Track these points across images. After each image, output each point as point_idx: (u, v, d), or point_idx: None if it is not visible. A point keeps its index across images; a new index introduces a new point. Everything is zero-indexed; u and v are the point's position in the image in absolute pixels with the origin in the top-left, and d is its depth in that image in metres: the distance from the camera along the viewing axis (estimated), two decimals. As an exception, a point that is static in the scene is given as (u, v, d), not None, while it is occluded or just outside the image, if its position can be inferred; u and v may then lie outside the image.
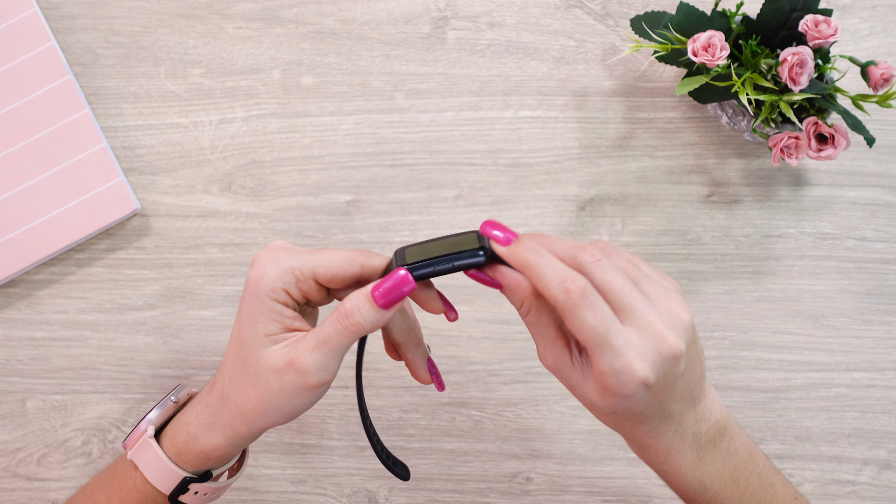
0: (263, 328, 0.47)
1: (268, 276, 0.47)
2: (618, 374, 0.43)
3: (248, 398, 0.48)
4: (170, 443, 0.51)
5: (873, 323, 0.70)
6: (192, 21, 0.73)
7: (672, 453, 0.48)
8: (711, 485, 0.50)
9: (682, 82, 0.64)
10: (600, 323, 0.43)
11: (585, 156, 0.72)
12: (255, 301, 0.47)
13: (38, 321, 0.70)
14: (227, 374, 0.49)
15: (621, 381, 0.43)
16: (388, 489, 0.69)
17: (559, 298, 0.44)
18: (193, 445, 0.50)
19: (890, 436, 0.69)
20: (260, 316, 0.47)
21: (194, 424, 0.50)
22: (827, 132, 0.63)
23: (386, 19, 0.73)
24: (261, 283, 0.47)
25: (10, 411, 0.69)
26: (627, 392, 0.44)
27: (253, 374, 0.48)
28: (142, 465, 0.50)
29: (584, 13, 0.73)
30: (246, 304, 0.48)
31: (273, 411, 0.48)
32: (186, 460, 0.50)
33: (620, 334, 0.43)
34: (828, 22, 0.61)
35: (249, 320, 0.48)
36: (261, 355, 0.47)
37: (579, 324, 0.43)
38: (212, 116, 0.72)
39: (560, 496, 0.69)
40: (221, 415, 0.49)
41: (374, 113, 0.72)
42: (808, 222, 0.71)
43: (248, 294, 0.48)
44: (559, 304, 0.44)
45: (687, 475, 0.49)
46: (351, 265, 0.48)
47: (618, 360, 0.43)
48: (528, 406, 0.69)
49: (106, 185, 0.70)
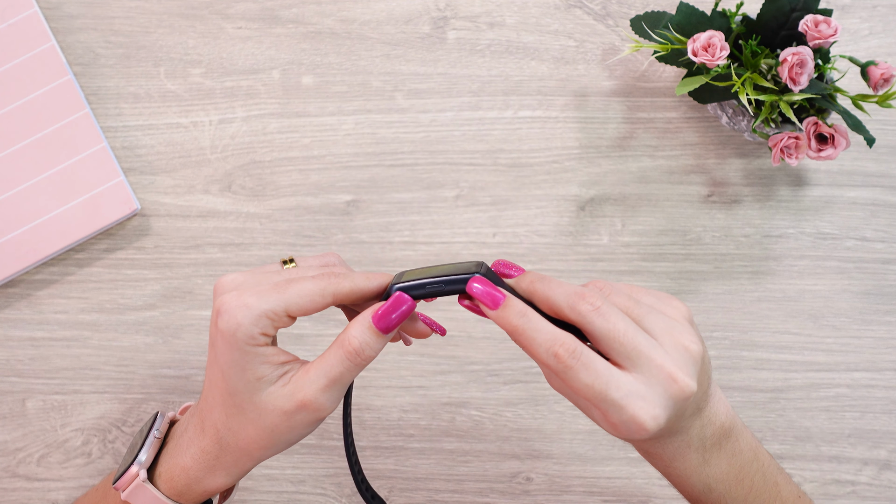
0: (253, 374, 0.46)
1: (242, 327, 0.45)
2: (626, 424, 0.43)
3: (251, 439, 0.48)
4: (168, 485, 0.50)
5: (873, 323, 0.70)
6: (192, 21, 0.73)
7: (676, 458, 0.49)
8: (716, 486, 0.50)
9: (682, 82, 0.64)
10: (595, 380, 0.43)
11: (585, 156, 0.72)
12: (235, 352, 0.46)
13: (38, 321, 0.70)
14: (221, 420, 0.48)
15: (631, 429, 0.44)
16: (389, 489, 0.69)
17: (551, 364, 0.44)
18: (196, 487, 0.50)
19: (890, 436, 0.69)
20: (245, 364, 0.46)
21: (194, 469, 0.49)
22: (827, 132, 0.63)
23: (386, 19, 0.73)
24: (237, 334, 0.45)
25: (10, 411, 0.69)
26: (637, 437, 0.44)
27: (254, 419, 0.47)
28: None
29: (584, 13, 0.73)
30: (225, 355, 0.46)
31: (281, 444, 0.48)
32: (189, 499, 0.50)
33: (621, 387, 0.43)
34: (828, 22, 0.61)
35: (235, 370, 0.46)
36: (259, 399, 0.47)
37: (576, 385, 0.43)
38: (212, 116, 0.72)
39: (560, 496, 0.69)
40: (223, 458, 0.49)
41: (374, 113, 0.72)
42: (808, 222, 0.71)
43: (224, 345, 0.46)
44: (552, 370, 0.44)
45: (692, 478, 0.49)
46: (323, 297, 0.46)
47: (622, 413, 0.43)
48: (528, 406, 0.69)
49: (106, 185, 0.70)
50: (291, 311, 0.46)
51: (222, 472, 0.49)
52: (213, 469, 0.49)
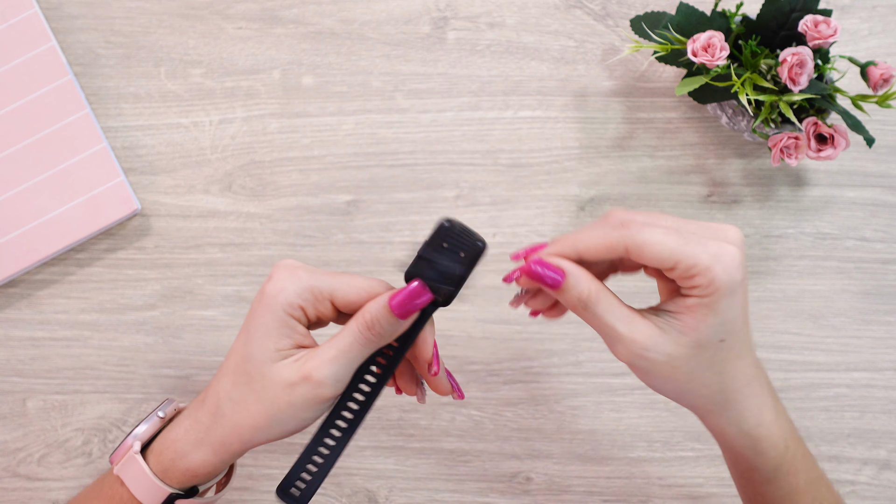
0: (275, 343, 0.47)
1: (286, 292, 0.47)
2: (720, 258, 0.43)
3: (249, 413, 0.48)
4: (156, 459, 0.50)
5: (873, 323, 0.70)
6: (192, 21, 0.73)
7: (763, 408, 0.48)
8: (790, 443, 0.49)
9: (682, 82, 0.64)
10: (667, 230, 0.44)
11: (585, 156, 0.72)
12: (269, 314, 0.47)
13: (38, 321, 0.70)
14: (225, 389, 0.49)
15: (726, 264, 0.43)
16: (389, 489, 0.69)
17: (616, 236, 0.44)
18: (181, 462, 0.49)
19: (889, 436, 0.69)
20: (273, 330, 0.47)
21: (182, 441, 0.49)
22: (827, 132, 0.63)
23: (386, 19, 0.73)
24: (278, 297, 0.47)
25: (10, 411, 0.70)
26: (736, 276, 0.43)
27: (259, 389, 0.47)
28: (128, 480, 0.50)
29: (584, 13, 0.73)
30: (258, 318, 0.47)
31: (275, 427, 0.48)
32: (173, 477, 0.50)
33: (692, 235, 0.44)
34: (827, 22, 0.61)
35: (260, 333, 0.47)
36: (269, 369, 0.47)
37: (654, 240, 0.44)
38: (212, 116, 0.72)
39: (560, 496, 0.69)
40: (213, 431, 0.49)
41: (374, 113, 0.72)
42: (807, 222, 0.71)
43: (262, 307, 0.47)
44: (627, 238, 0.44)
45: (775, 434, 0.48)
46: (369, 294, 0.48)
47: (709, 247, 0.43)
48: (528, 406, 0.69)
49: (106, 185, 0.70)
50: (337, 297, 0.48)
51: (208, 449, 0.49)
52: (201, 443, 0.49)
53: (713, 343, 0.45)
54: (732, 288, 0.44)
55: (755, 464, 0.49)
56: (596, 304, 0.45)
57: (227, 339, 0.70)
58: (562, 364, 0.70)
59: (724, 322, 0.44)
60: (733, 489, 0.69)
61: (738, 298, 0.44)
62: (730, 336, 0.45)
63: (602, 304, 0.46)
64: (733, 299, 0.44)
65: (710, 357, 0.45)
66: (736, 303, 0.44)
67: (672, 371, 0.46)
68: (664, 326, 0.45)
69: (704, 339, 0.45)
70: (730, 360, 0.46)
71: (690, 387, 0.47)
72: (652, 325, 0.45)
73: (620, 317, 0.46)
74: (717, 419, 0.48)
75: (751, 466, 0.50)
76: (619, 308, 0.46)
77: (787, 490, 0.50)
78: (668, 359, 0.45)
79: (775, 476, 0.49)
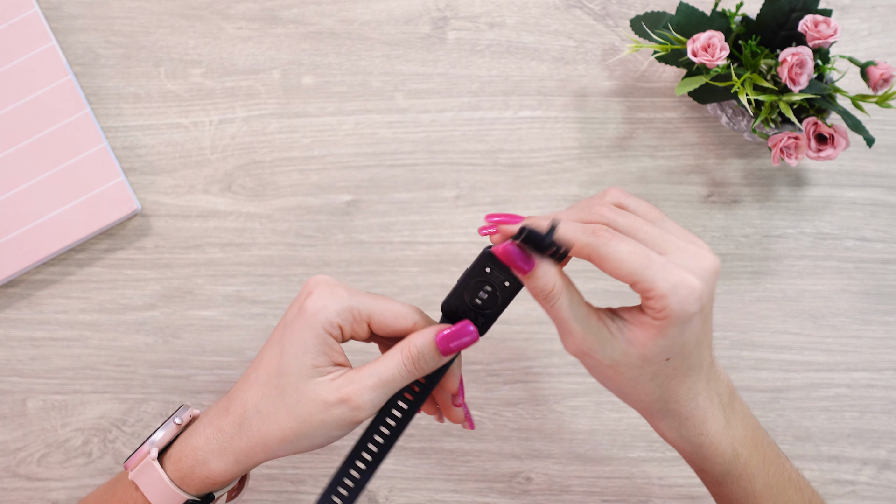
0: (312, 359, 0.48)
1: (327, 310, 0.48)
2: (676, 289, 0.43)
3: (279, 427, 0.48)
4: (174, 466, 0.50)
5: (873, 323, 0.70)
6: (192, 21, 0.73)
7: (708, 419, 0.48)
8: (741, 450, 0.50)
9: (682, 82, 0.64)
10: (635, 248, 0.44)
11: (585, 156, 0.72)
12: (308, 331, 0.47)
13: (38, 321, 0.70)
14: (254, 400, 0.49)
15: (682, 296, 0.44)
16: (389, 489, 0.69)
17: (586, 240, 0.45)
18: (200, 470, 0.49)
19: (889, 436, 0.69)
20: (311, 347, 0.47)
21: (203, 450, 0.49)
22: (826, 132, 0.63)
23: (386, 19, 0.73)
24: (318, 315, 0.47)
25: (10, 411, 0.70)
26: (690, 309, 0.44)
27: (291, 404, 0.47)
28: (143, 486, 0.50)
29: (584, 13, 0.73)
30: (296, 333, 0.48)
31: (304, 441, 0.48)
32: (191, 484, 0.50)
33: (660, 258, 0.44)
34: (827, 22, 0.61)
35: (297, 349, 0.48)
36: (305, 386, 0.47)
37: (617, 256, 0.44)
38: (212, 116, 0.72)
39: (560, 496, 0.69)
40: (237, 441, 0.49)
41: (374, 113, 0.72)
42: (807, 222, 0.71)
43: (301, 323, 0.48)
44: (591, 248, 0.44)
45: (722, 443, 0.49)
46: (406, 320, 0.49)
47: (670, 275, 0.44)
48: (528, 406, 0.69)
49: (106, 185, 0.70)
50: (374, 320, 0.49)
51: (230, 458, 0.49)
52: (223, 452, 0.49)
53: (658, 360, 0.46)
54: (684, 319, 0.44)
55: (702, 466, 0.51)
56: (557, 299, 0.46)
57: (227, 339, 0.70)
58: (562, 364, 0.70)
59: (672, 345, 0.45)
60: (733, 489, 0.69)
61: (692, 327, 0.45)
62: (676, 357, 0.46)
63: (563, 300, 0.46)
64: (685, 328, 0.45)
65: (654, 371, 0.47)
66: (688, 331, 0.45)
67: (615, 374, 0.47)
68: (616, 333, 0.46)
69: (650, 354, 0.46)
70: (675, 378, 0.47)
71: (631, 391, 0.48)
72: (604, 329, 0.46)
73: (577, 315, 0.46)
74: (658, 423, 0.50)
75: (699, 468, 0.51)
76: (579, 306, 0.47)
77: (741, 493, 0.51)
78: (613, 363, 0.47)
79: (725, 480, 0.50)
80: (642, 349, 0.46)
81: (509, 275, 0.48)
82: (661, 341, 0.45)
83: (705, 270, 0.45)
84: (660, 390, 0.48)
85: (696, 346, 0.46)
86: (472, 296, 0.49)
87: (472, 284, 0.48)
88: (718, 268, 0.46)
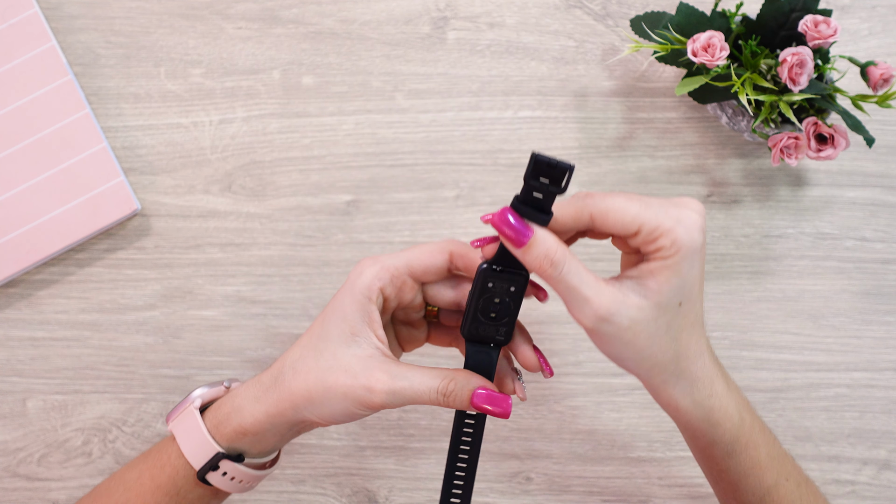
0: (350, 326, 0.49)
1: (364, 275, 0.49)
2: (681, 221, 0.45)
3: (306, 386, 0.49)
4: (212, 414, 0.52)
5: (873, 323, 0.70)
6: (192, 21, 0.73)
7: (715, 380, 0.49)
8: (745, 415, 0.50)
9: (682, 82, 0.64)
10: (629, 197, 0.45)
11: (585, 156, 0.72)
12: (348, 297, 0.49)
13: (38, 321, 0.70)
14: (292, 358, 0.50)
15: (688, 225, 0.45)
16: (389, 489, 0.69)
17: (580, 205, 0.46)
18: (235, 417, 0.51)
19: (889, 436, 0.69)
20: (350, 313, 0.49)
21: (241, 397, 0.51)
22: (826, 132, 0.63)
23: (386, 19, 0.73)
24: (357, 281, 0.49)
25: (10, 411, 0.70)
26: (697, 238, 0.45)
27: (324, 367, 0.49)
28: (179, 434, 0.52)
29: (584, 13, 0.73)
30: (337, 300, 0.50)
31: (326, 407, 0.49)
32: (223, 434, 0.51)
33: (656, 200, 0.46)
34: (827, 22, 0.61)
35: (338, 315, 0.49)
36: (342, 352, 0.49)
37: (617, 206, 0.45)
38: (212, 116, 0.72)
39: (560, 496, 0.69)
40: (271, 392, 0.50)
41: (374, 113, 0.72)
42: (807, 222, 0.71)
43: (343, 291, 0.50)
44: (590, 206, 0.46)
45: (730, 406, 0.49)
46: (441, 252, 0.50)
47: (670, 212, 0.45)
48: (528, 406, 0.69)
49: (106, 185, 0.70)
50: (413, 268, 0.50)
51: (262, 408, 0.50)
52: (257, 400, 0.50)
53: (672, 306, 0.46)
54: (694, 249, 0.45)
55: (713, 437, 0.50)
56: (563, 264, 0.46)
57: (228, 339, 0.70)
58: (562, 364, 0.70)
59: (683, 284, 0.46)
60: (733, 489, 0.69)
61: (698, 263, 0.46)
62: (687, 301, 0.47)
63: (569, 265, 0.46)
64: (693, 262, 0.46)
65: (668, 321, 0.47)
66: (695, 266, 0.46)
67: (633, 336, 0.47)
68: (627, 292, 0.46)
69: (665, 300, 0.46)
70: (685, 328, 0.48)
71: (649, 353, 0.47)
72: (616, 291, 0.46)
73: (587, 281, 0.46)
74: (672, 390, 0.49)
75: (709, 441, 0.50)
76: (586, 273, 0.47)
77: (749, 464, 0.51)
78: (631, 323, 0.46)
79: (734, 449, 0.50)
80: (658, 297, 0.46)
81: (511, 280, 0.48)
82: (675, 280, 0.45)
83: (698, 207, 0.46)
84: (674, 344, 0.47)
85: (699, 291, 0.47)
86: (486, 313, 0.49)
87: (482, 303, 0.49)
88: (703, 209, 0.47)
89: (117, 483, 0.54)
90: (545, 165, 0.44)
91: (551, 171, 0.44)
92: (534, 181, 0.44)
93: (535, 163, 0.44)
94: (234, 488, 0.53)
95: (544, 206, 0.46)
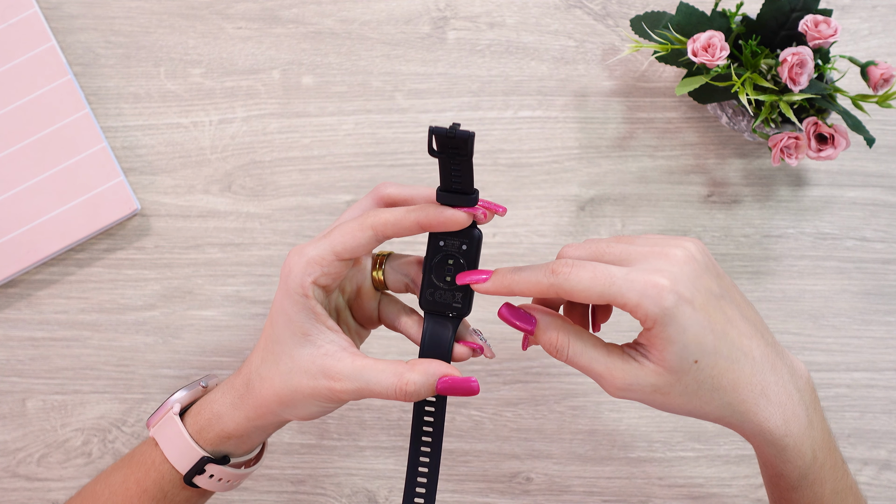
0: (298, 327, 0.48)
1: (293, 273, 0.48)
2: (646, 292, 0.43)
3: (274, 392, 0.49)
4: (193, 420, 0.51)
5: (873, 323, 0.70)
6: (192, 21, 0.73)
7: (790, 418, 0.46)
8: (819, 454, 0.48)
9: (682, 82, 0.64)
10: (595, 271, 0.44)
11: (585, 156, 0.72)
12: (287, 299, 0.48)
13: (38, 321, 0.70)
14: (255, 364, 0.50)
15: (653, 297, 0.43)
16: (389, 489, 0.69)
17: (549, 282, 0.44)
18: (216, 423, 0.50)
19: (890, 436, 0.69)
20: (293, 315, 0.48)
21: (219, 403, 0.51)
22: (827, 132, 0.63)
23: (386, 19, 0.73)
24: (288, 280, 0.48)
25: (10, 411, 0.69)
26: (667, 305, 0.43)
27: (284, 371, 0.48)
28: (162, 441, 0.51)
29: (584, 13, 0.73)
30: (279, 303, 0.48)
31: (299, 408, 0.49)
32: (207, 439, 0.51)
33: (621, 270, 0.44)
34: (828, 22, 0.61)
35: (283, 318, 0.48)
36: (296, 354, 0.48)
37: (581, 286, 0.44)
38: (212, 116, 0.72)
39: (560, 496, 0.69)
40: (246, 399, 0.50)
41: (374, 113, 0.72)
42: (807, 222, 0.71)
43: (280, 292, 0.48)
44: (555, 287, 0.44)
45: (804, 444, 0.47)
46: (362, 230, 0.48)
47: (635, 283, 0.43)
48: (528, 406, 0.69)
49: (106, 185, 0.70)
50: (338, 251, 0.47)
51: (242, 413, 0.50)
52: (235, 407, 0.50)
53: (687, 367, 0.45)
54: (670, 315, 0.43)
55: (782, 470, 0.49)
56: (567, 349, 0.46)
57: (227, 339, 0.70)
58: (562, 364, 0.70)
59: (686, 345, 0.44)
60: (733, 489, 0.70)
61: (689, 320, 0.44)
62: (704, 356, 0.45)
63: (573, 348, 0.46)
64: (681, 324, 0.44)
65: (695, 378, 0.45)
66: (688, 325, 0.44)
67: (665, 398, 0.46)
68: (640, 360, 0.45)
69: (676, 366, 0.44)
70: (720, 376, 0.45)
71: (694, 406, 0.46)
72: (629, 359, 0.46)
73: (596, 357, 0.46)
74: (740, 429, 0.48)
75: (778, 473, 0.49)
76: (594, 348, 0.46)
77: (811, 499, 0.50)
78: (654, 388, 0.45)
79: (801, 484, 0.49)
80: (666, 364, 0.44)
81: (461, 236, 0.48)
82: (672, 347, 0.44)
83: (673, 264, 0.44)
84: (718, 393, 0.46)
85: (717, 337, 0.45)
86: (441, 277, 0.48)
87: (436, 265, 0.48)
88: (692, 253, 0.45)
89: (102, 487, 0.53)
90: (444, 137, 0.43)
91: (451, 140, 0.43)
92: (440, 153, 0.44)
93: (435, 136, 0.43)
94: (222, 488, 0.53)
95: (465, 187, 0.46)
